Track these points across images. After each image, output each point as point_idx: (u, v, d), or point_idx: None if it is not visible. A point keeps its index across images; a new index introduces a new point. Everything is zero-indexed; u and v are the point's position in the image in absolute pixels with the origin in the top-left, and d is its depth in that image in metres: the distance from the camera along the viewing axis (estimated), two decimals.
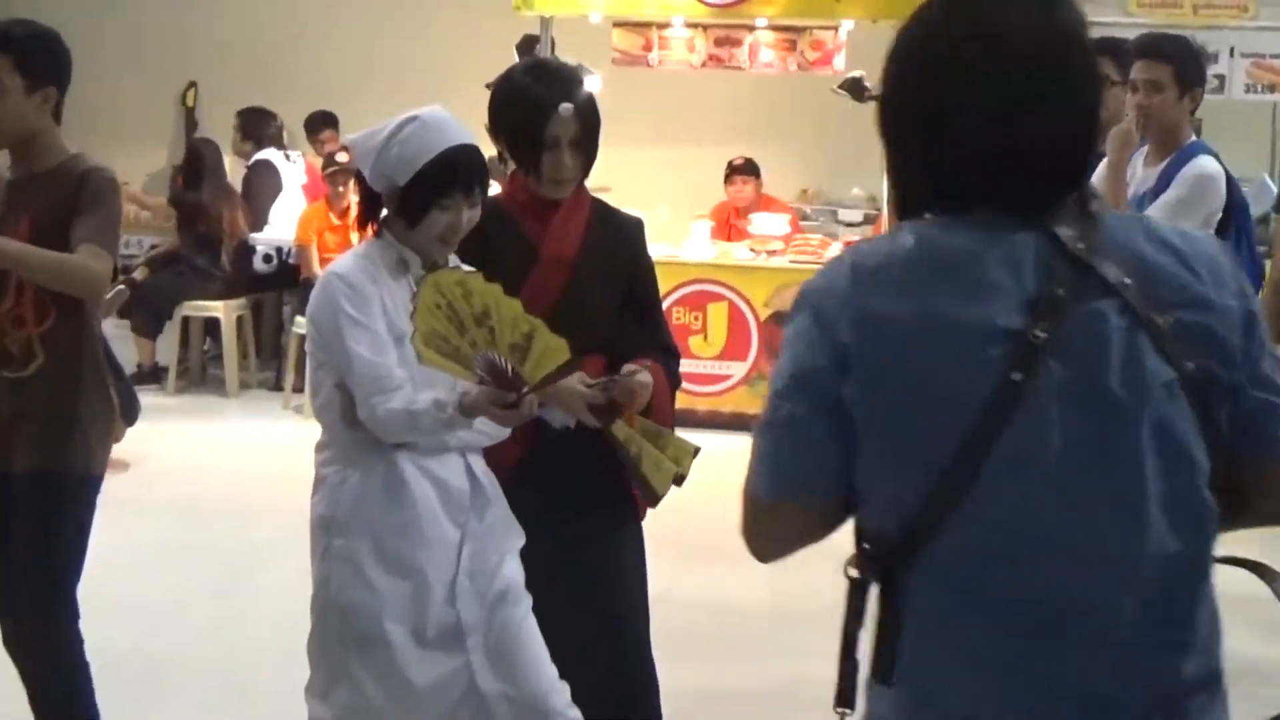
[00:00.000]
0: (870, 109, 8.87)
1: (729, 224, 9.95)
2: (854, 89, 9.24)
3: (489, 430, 3.40)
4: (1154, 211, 5.12)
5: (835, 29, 9.51)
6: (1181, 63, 5.36)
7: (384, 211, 3.49)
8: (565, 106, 3.61)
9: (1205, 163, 5.30)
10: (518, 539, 3.53)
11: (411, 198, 3.35)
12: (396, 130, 3.37)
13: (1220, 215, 5.27)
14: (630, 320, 3.69)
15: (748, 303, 9.24)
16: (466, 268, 3.38)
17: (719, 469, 8.79)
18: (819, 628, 6.12)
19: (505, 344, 3.24)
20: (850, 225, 9.90)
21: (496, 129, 3.74)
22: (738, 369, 9.26)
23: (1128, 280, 1.84)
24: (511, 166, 3.82)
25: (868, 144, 7.98)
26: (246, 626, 4.99)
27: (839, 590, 6.44)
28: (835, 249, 9.47)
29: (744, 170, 10.08)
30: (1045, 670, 1.88)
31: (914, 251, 1.91)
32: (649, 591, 3.93)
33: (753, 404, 9.20)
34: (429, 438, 3.36)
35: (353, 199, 9.60)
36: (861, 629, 2.09)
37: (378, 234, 3.46)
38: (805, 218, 10.17)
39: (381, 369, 3.28)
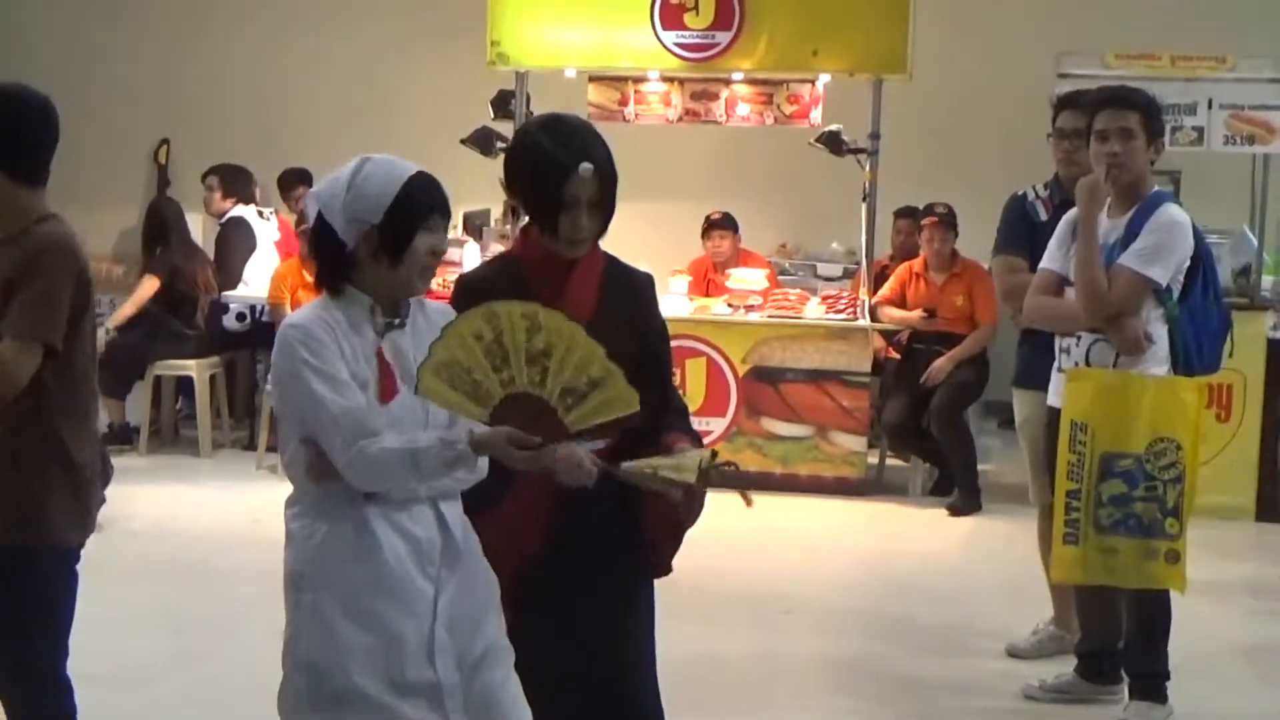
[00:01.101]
0: (848, 162, 9.00)
1: (707, 279, 9.92)
2: (832, 142, 9.26)
3: (466, 476, 3.35)
4: (1128, 260, 5.20)
5: (812, 82, 9.51)
6: (1147, 111, 5.38)
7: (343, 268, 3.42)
8: (585, 167, 3.56)
9: (1173, 210, 5.36)
10: (495, 590, 3.47)
11: (392, 229, 3.30)
12: (355, 172, 3.34)
13: (1189, 263, 5.33)
14: (643, 382, 3.62)
15: (726, 358, 9.23)
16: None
17: (698, 526, 8.78)
18: (793, 688, 6.15)
19: (558, 386, 3.22)
20: (829, 280, 9.92)
21: (513, 186, 3.70)
22: (717, 425, 9.22)
23: None
24: (522, 221, 3.79)
25: (846, 198, 8.17)
26: (220, 690, 4.92)
27: (817, 653, 6.42)
28: (814, 304, 9.49)
29: (721, 225, 10.06)
30: None
31: None
32: None
33: (733, 458, 9.15)
34: (424, 479, 3.29)
35: None
36: None
37: (338, 292, 3.38)
38: (784, 272, 10.17)
39: (358, 412, 3.22)
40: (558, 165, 3.55)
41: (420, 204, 3.31)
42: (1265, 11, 10.47)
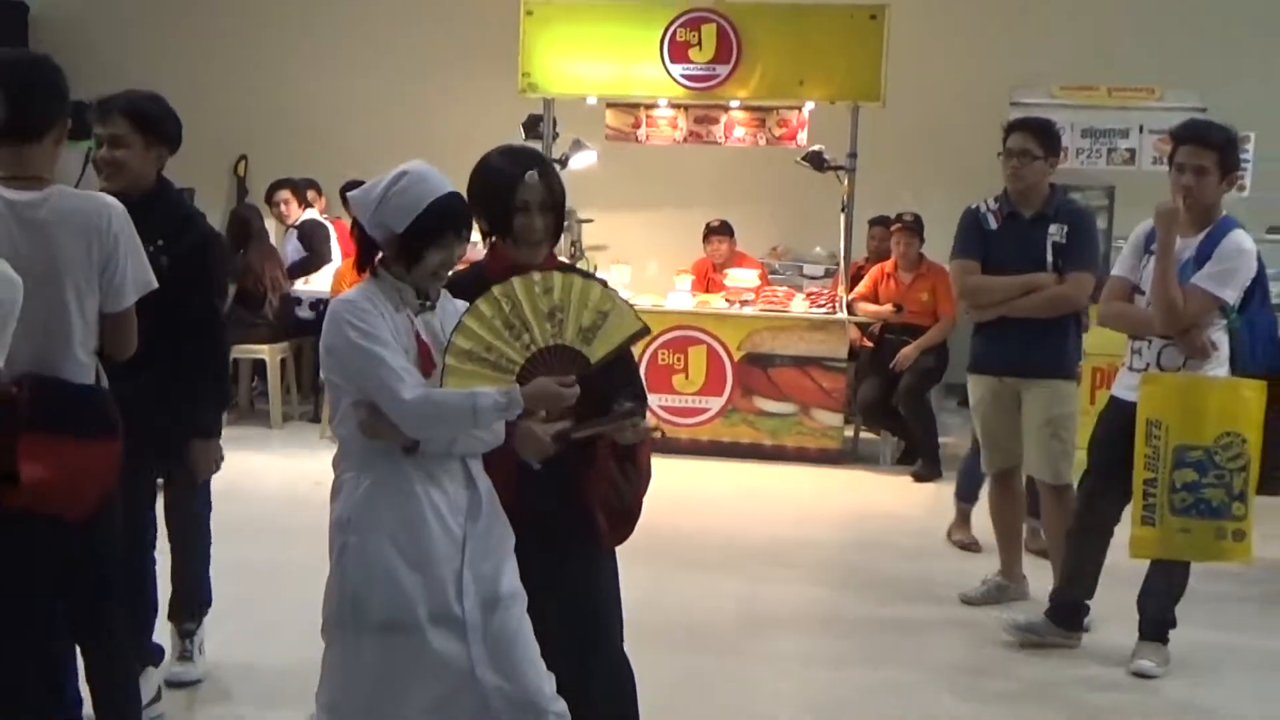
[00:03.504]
0: (829, 177, 8.92)
1: (707, 277, 9.92)
2: (815, 161, 9.25)
3: (487, 438, 3.37)
4: (1202, 281, 5.20)
5: (799, 109, 9.52)
6: (1223, 150, 5.33)
7: (379, 254, 3.45)
8: (531, 174, 3.59)
9: (1241, 236, 5.32)
10: (511, 542, 3.46)
11: (410, 242, 3.32)
12: (391, 184, 3.35)
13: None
14: (616, 371, 3.60)
15: (723, 346, 9.22)
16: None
17: (698, 489, 8.82)
18: (777, 628, 6.12)
19: (577, 328, 3.33)
20: (813, 278, 9.93)
21: (475, 204, 3.60)
22: (714, 403, 9.23)
23: None
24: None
25: (827, 208, 8.09)
26: (278, 630, 4.90)
27: (798, 598, 6.36)
28: (799, 299, 9.48)
29: (720, 231, 10.05)
30: None
31: None
32: (638, 595, 3.86)
33: (728, 433, 9.19)
34: (478, 425, 3.30)
35: None
36: None
37: (375, 274, 3.41)
38: (773, 272, 10.17)
39: (411, 371, 3.27)
40: (508, 174, 3.57)
41: (438, 225, 3.32)
42: (1187, 51, 10.45)
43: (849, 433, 9.54)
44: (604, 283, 3.55)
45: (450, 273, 3.49)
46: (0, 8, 11.90)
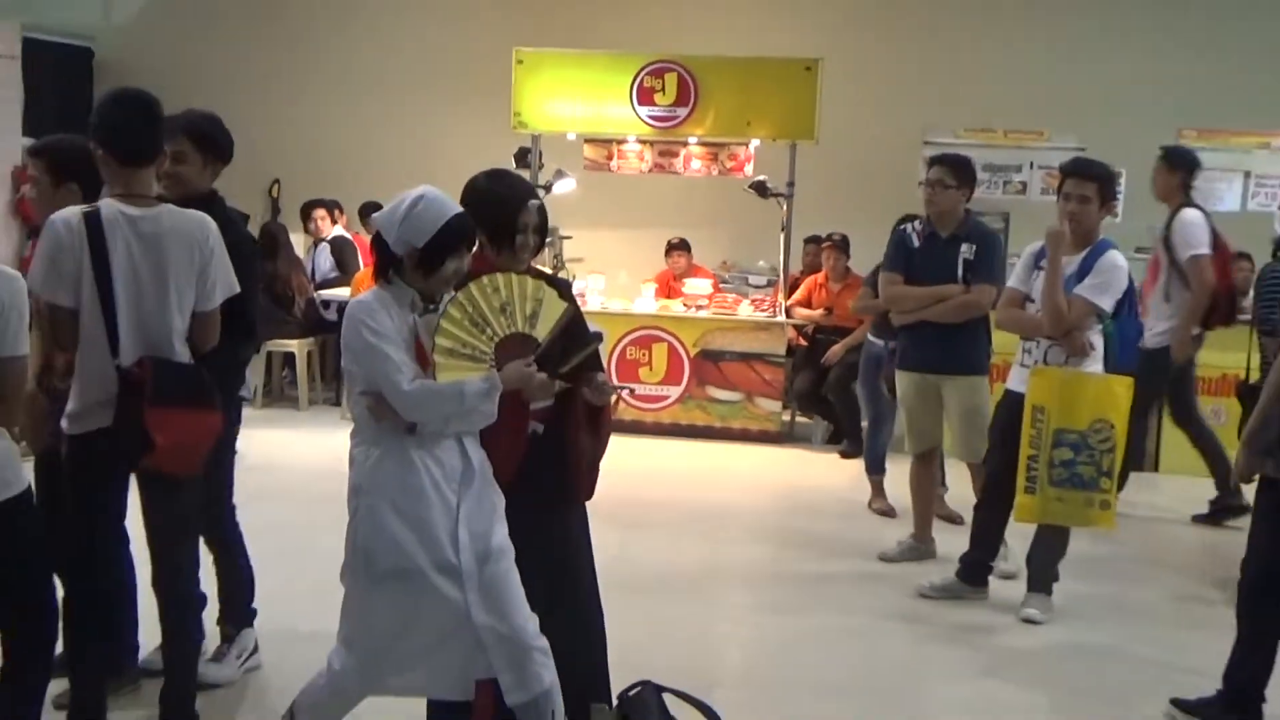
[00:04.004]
0: (771, 203, 8.91)
1: (668, 286, 9.93)
2: (759, 189, 9.29)
3: (480, 419, 3.39)
4: (1084, 291, 5.28)
5: (746, 145, 9.55)
6: (1103, 181, 5.41)
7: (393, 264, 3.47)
8: (533, 202, 3.66)
9: (1117, 256, 5.41)
10: (501, 505, 3.47)
11: (430, 254, 3.36)
12: (411, 206, 3.37)
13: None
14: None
15: (681, 343, 9.26)
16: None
17: (660, 464, 8.82)
18: (729, 581, 6.13)
19: (522, 318, 3.40)
20: (757, 287, 9.90)
21: (475, 213, 3.58)
22: (674, 391, 9.27)
23: None
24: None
25: (769, 228, 8.11)
26: (307, 583, 4.85)
27: (746, 555, 6.35)
28: (745, 305, 9.52)
29: (679, 247, 10.07)
30: None
31: None
32: (610, 552, 3.87)
33: (685, 417, 9.21)
34: (465, 408, 3.34)
35: None
36: None
37: (389, 280, 3.43)
38: (724, 281, 10.15)
39: (411, 366, 3.32)
40: (514, 201, 3.62)
41: (453, 240, 3.37)
42: (1069, 100, 10.51)
43: (786, 417, 9.58)
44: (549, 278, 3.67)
45: None
46: (69, 51, 11.82)
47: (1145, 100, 10.43)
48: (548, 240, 3.92)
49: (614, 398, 3.77)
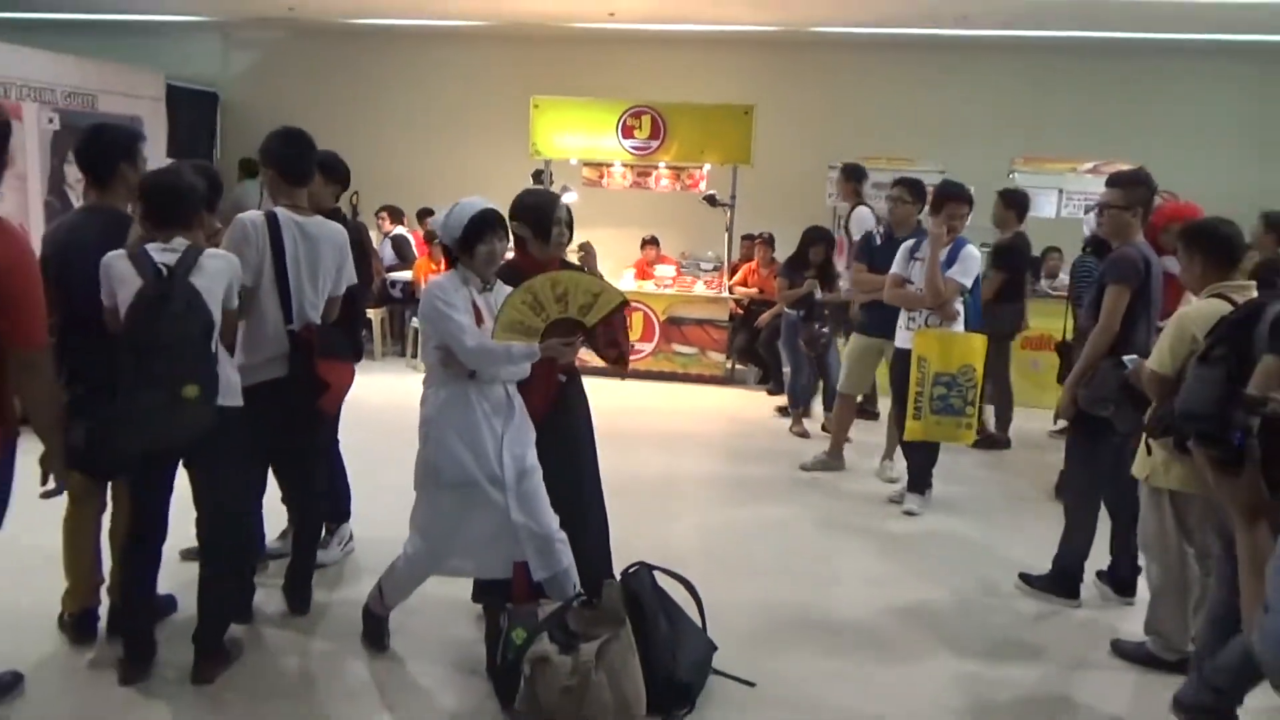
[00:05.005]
0: (719, 211, 8.73)
1: (644, 270, 9.83)
2: (710, 200, 9.19)
3: (518, 372, 3.39)
4: (953, 274, 5.30)
5: (701, 168, 9.41)
6: (969, 201, 5.44)
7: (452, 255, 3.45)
8: (562, 204, 3.63)
9: (972, 249, 5.42)
10: (533, 436, 3.44)
11: (465, 242, 3.34)
12: (449, 212, 3.39)
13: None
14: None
15: (654, 312, 9.19)
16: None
17: (638, 400, 8.69)
18: (685, 485, 6.05)
19: (577, 306, 3.33)
20: (707, 271, 9.82)
21: (522, 220, 3.59)
22: (648, 347, 9.21)
23: None
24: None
25: (717, 229, 7.95)
26: (378, 495, 4.77)
27: (699, 466, 6.21)
28: (700, 285, 9.44)
29: (651, 242, 9.99)
30: None
31: None
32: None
33: (656, 366, 9.16)
34: (511, 365, 3.32)
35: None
36: None
37: (453, 266, 3.40)
38: (683, 267, 10.06)
39: (473, 330, 3.29)
40: (548, 204, 3.60)
41: (479, 229, 3.32)
42: (934, 132, 10.46)
43: (729, 366, 9.50)
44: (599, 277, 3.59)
45: (497, 267, 3.46)
46: (197, 96, 11.57)
47: (989, 133, 10.39)
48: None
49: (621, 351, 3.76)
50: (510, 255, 3.66)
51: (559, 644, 3.10)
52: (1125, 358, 3.76)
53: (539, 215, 3.58)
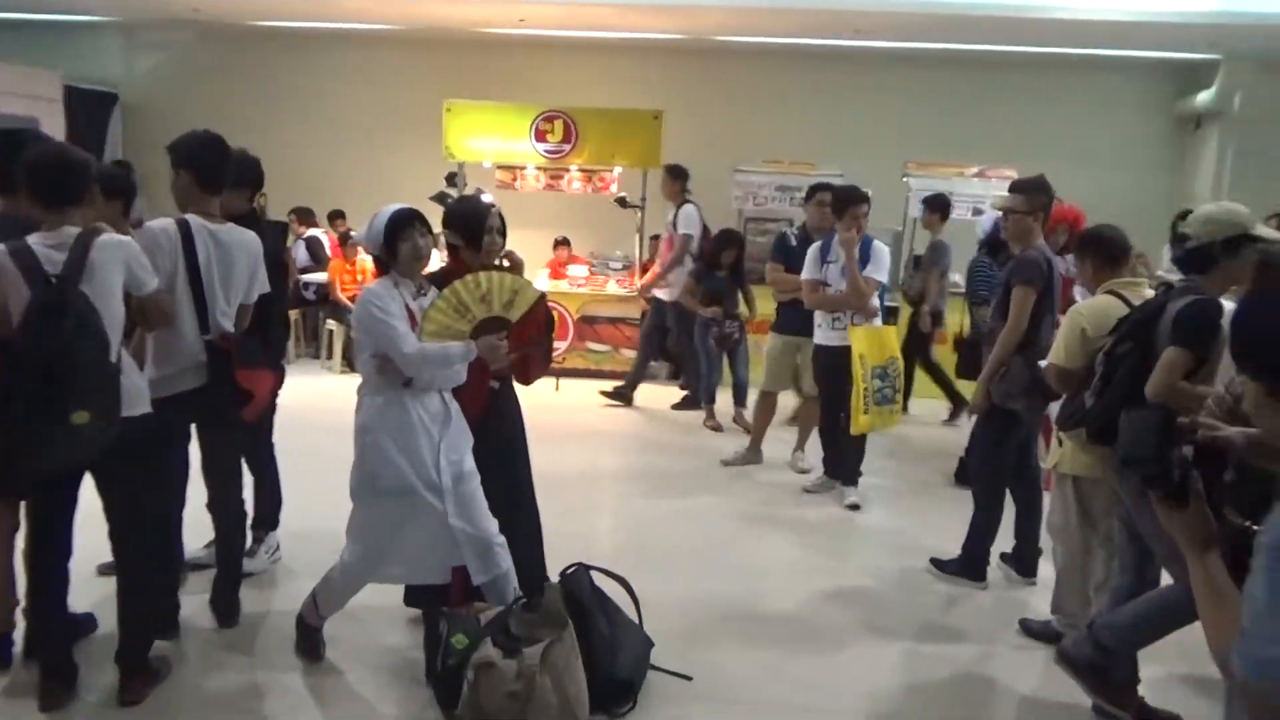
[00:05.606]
0: (630, 212, 8.66)
1: (557, 270, 9.70)
2: (621, 202, 9.11)
3: (455, 378, 3.31)
4: (870, 272, 5.34)
5: (611, 170, 9.32)
6: (867, 201, 5.44)
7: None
8: (494, 211, 3.57)
9: (880, 245, 5.48)
10: (469, 440, 3.35)
11: (388, 245, 3.26)
12: (370, 223, 3.31)
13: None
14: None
15: (569, 311, 9.06)
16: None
17: (556, 397, 8.59)
18: (606, 479, 5.98)
19: (500, 303, 3.27)
20: (617, 271, 9.75)
21: (454, 228, 3.54)
22: (564, 345, 9.06)
23: None
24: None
25: (627, 230, 7.90)
26: (301, 500, 4.56)
27: (618, 460, 6.13)
28: (612, 283, 9.37)
29: (563, 243, 9.90)
30: None
31: None
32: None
33: (571, 362, 9.06)
34: (448, 368, 3.23)
35: (360, 257, 9.17)
36: None
37: (385, 272, 3.30)
38: (594, 267, 9.97)
39: (410, 337, 3.19)
40: (483, 211, 3.55)
41: (397, 228, 3.25)
42: (833, 139, 10.63)
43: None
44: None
45: (426, 271, 3.38)
46: (95, 96, 10.97)
47: (884, 139, 10.58)
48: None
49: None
50: (444, 262, 3.57)
51: (502, 648, 3.01)
52: (1040, 362, 3.85)
53: (471, 224, 3.50)
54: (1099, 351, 3.25)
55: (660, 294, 8.03)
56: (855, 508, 5.49)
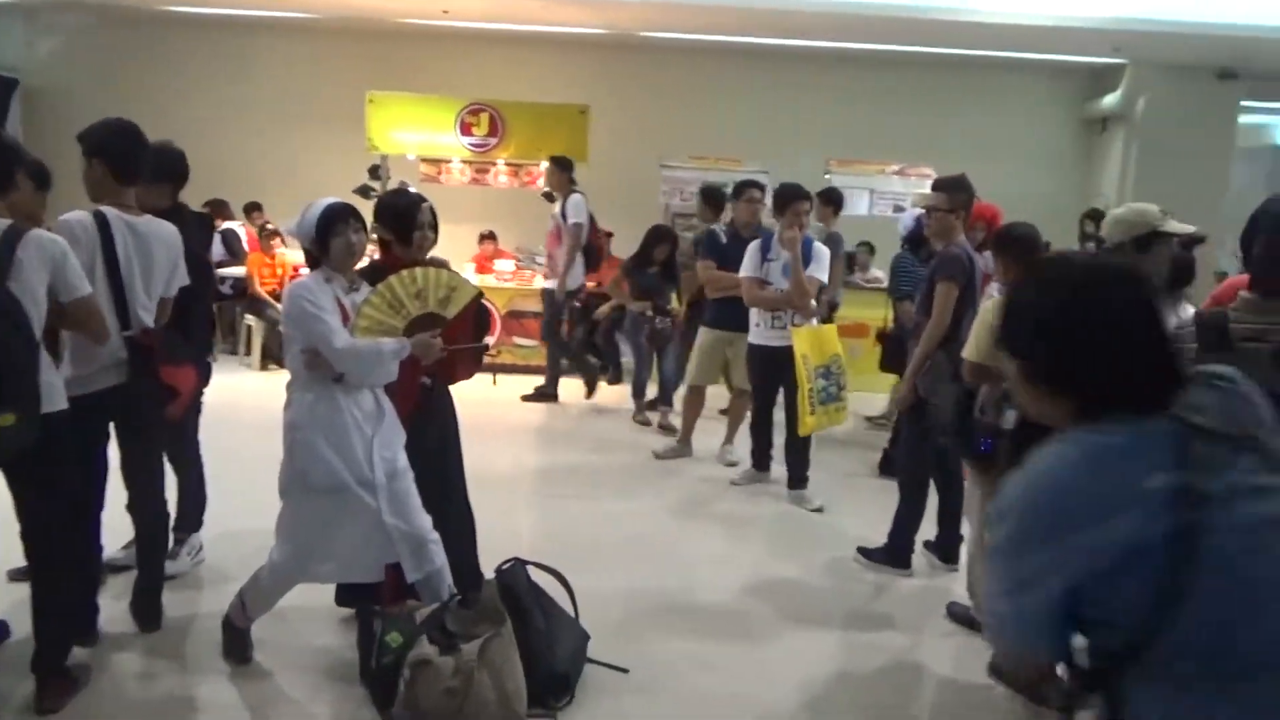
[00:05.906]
0: (550, 205, 8.60)
1: (483, 265, 9.61)
2: (549, 197, 9.03)
3: (386, 375, 3.25)
4: (812, 271, 5.35)
5: (538, 164, 9.26)
6: (809, 199, 5.51)
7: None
8: (425, 206, 3.51)
9: (820, 245, 5.53)
10: (402, 437, 3.31)
11: (320, 240, 3.20)
12: (301, 216, 3.25)
13: None
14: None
15: (495, 307, 8.94)
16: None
17: (488, 393, 8.52)
18: (543, 478, 5.96)
19: (435, 299, 3.24)
20: (542, 265, 9.69)
21: (385, 223, 3.46)
22: (492, 340, 8.96)
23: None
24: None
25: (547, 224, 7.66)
26: (223, 498, 4.45)
27: (552, 458, 6.11)
28: (538, 279, 9.27)
29: (489, 237, 9.83)
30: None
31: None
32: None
33: (500, 358, 8.97)
34: (381, 365, 3.18)
35: (279, 251, 8.94)
36: None
37: (317, 267, 3.23)
38: (520, 262, 9.91)
39: (342, 332, 3.13)
40: (411, 208, 3.48)
41: (329, 223, 3.19)
42: (760, 135, 10.75)
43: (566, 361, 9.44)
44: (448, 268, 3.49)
45: (358, 266, 3.31)
46: None
47: (808, 136, 10.73)
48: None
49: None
50: (376, 256, 3.51)
51: (439, 645, 2.98)
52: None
53: (403, 218, 3.45)
54: None
55: (549, 284, 7.97)
56: (819, 510, 5.44)
